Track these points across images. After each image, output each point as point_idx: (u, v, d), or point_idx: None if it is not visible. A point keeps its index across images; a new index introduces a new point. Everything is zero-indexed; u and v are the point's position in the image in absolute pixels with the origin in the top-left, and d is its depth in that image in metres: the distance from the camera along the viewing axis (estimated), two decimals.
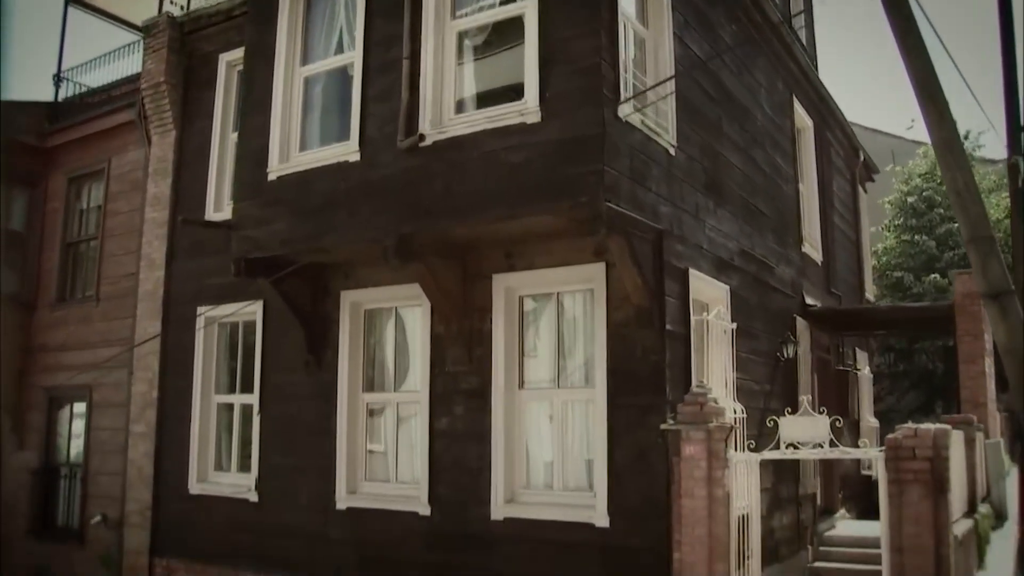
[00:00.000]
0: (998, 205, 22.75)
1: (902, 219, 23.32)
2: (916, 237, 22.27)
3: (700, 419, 8.52)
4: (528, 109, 8.56)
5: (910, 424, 8.20)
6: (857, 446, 12.75)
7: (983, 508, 11.66)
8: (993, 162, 24.55)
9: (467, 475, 9.78)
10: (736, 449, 8.73)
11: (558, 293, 9.75)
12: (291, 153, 10.48)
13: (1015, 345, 5.48)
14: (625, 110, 8.63)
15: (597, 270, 9.23)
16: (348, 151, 9.82)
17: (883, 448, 8.14)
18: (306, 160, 10.28)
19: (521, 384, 9.79)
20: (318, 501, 10.85)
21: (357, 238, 9.63)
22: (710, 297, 10.24)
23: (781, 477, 11.97)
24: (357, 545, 10.48)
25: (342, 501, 10.67)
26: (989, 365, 13.93)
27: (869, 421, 16.99)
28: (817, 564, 12.87)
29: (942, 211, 22.62)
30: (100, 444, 13.84)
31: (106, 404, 13.83)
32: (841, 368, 15.54)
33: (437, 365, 10.15)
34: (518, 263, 9.74)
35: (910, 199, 23.26)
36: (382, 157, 9.54)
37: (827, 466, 14.22)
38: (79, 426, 14.44)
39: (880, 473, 8.26)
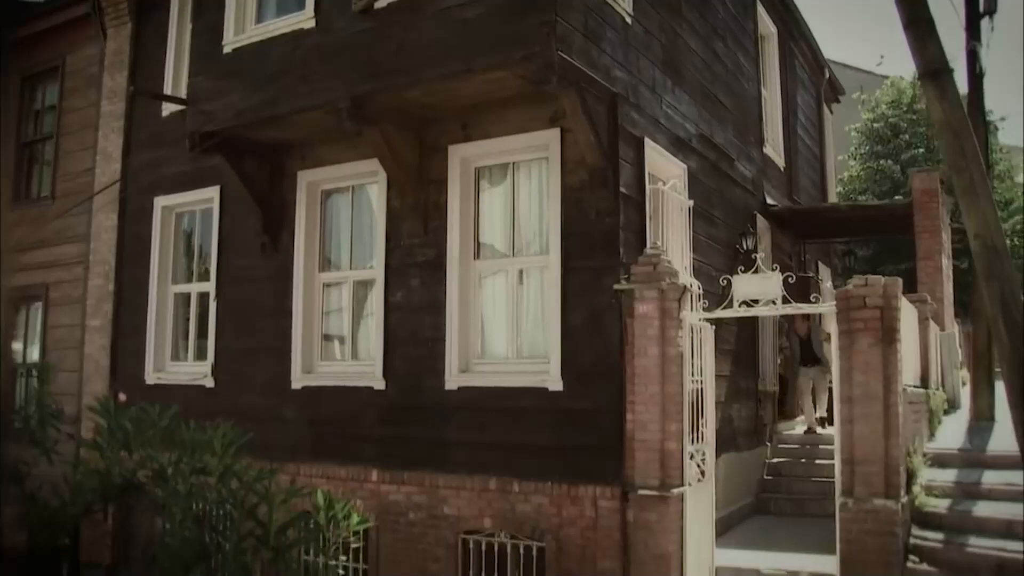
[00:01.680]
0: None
1: (868, 146, 23.43)
2: (881, 163, 22.39)
3: (654, 278, 8.53)
4: None
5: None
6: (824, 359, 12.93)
7: (937, 391, 11.80)
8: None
9: (422, 347, 9.77)
10: (691, 309, 8.74)
11: (513, 163, 9.68)
12: (247, 25, 10.31)
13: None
14: None
15: (552, 136, 9.18)
16: (304, 18, 9.68)
17: (835, 302, 8.18)
18: (262, 31, 10.12)
19: (476, 254, 9.76)
20: (273, 382, 10.82)
21: (311, 103, 9.49)
22: (667, 173, 10.21)
23: (740, 368, 12.06)
24: (313, 423, 10.47)
25: (297, 381, 10.65)
26: (947, 265, 14.03)
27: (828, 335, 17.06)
28: (775, 460, 13.02)
29: (907, 137, 22.77)
30: (57, 342, 13.71)
31: (64, 302, 13.67)
32: (803, 275, 15.59)
33: (393, 239, 10.10)
34: (474, 133, 9.67)
35: (876, 125, 23.36)
36: (337, 22, 9.41)
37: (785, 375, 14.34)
38: (38, 325, 14.27)
39: (832, 328, 8.31)
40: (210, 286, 11.72)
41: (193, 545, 5.60)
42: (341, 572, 6.09)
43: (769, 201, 14.12)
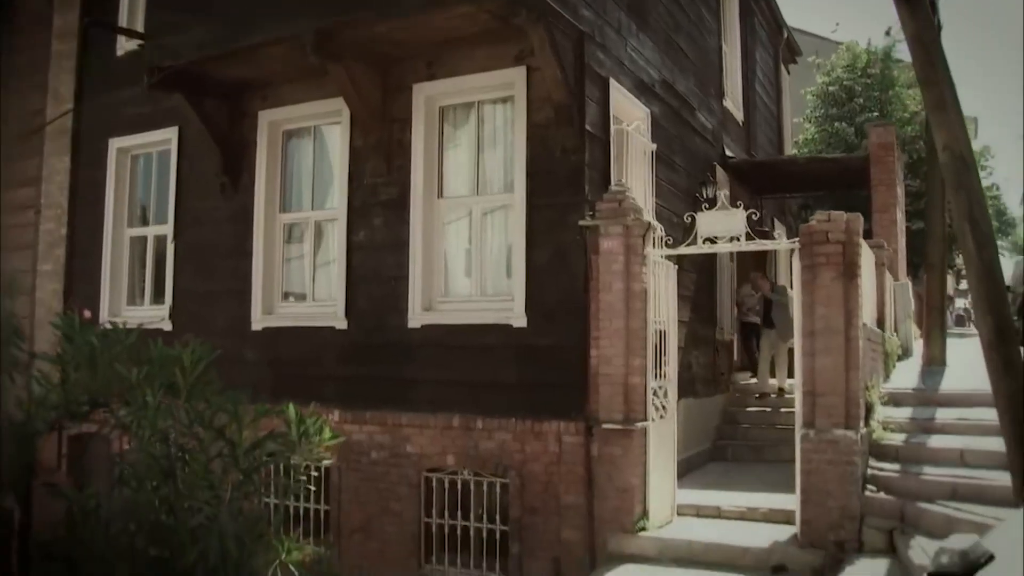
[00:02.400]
0: (914, 99, 23.23)
1: (823, 109, 23.63)
2: (836, 125, 22.60)
3: (619, 215, 8.56)
4: None
5: None
6: (773, 284, 13.08)
7: (892, 336, 12.03)
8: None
9: (385, 286, 9.72)
10: (654, 246, 8.78)
11: (478, 102, 9.63)
12: None
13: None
14: None
15: (518, 75, 9.13)
16: None
17: (798, 239, 8.26)
18: None
19: (440, 193, 9.71)
20: (233, 324, 10.70)
21: (276, 36, 9.33)
22: (631, 116, 10.24)
23: (698, 315, 12.17)
24: (274, 364, 10.38)
25: (258, 322, 10.56)
26: (901, 220, 14.26)
27: (788, 289, 17.26)
28: (732, 409, 13.19)
29: (861, 101, 23.00)
30: (7, 287, 13.38)
31: (12, 247, 13.36)
32: (761, 230, 15.72)
33: (356, 178, 10.01)
34: (439, 72, 9.60)
35: (831, 88, 23.56)
36: None
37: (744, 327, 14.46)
38: None
39: (795, 264, 8.41)
40: (167, 229, 11.53)
41: (160, 463, 5.52)
42: (312, 488, 6.06)
43: (728, 153, 14.21)
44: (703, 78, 13.26)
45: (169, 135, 11.50)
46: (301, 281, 10.68)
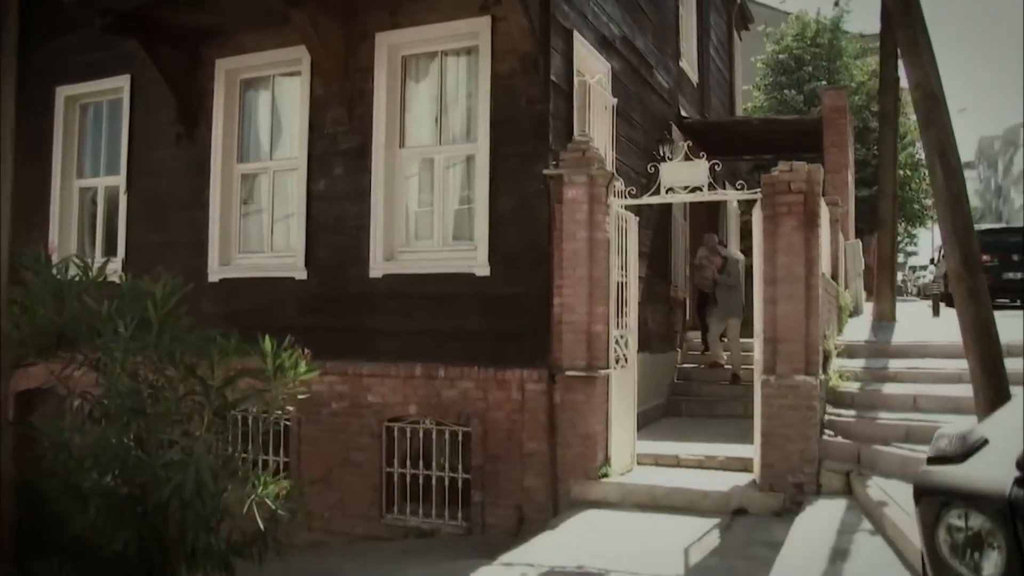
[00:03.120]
0: (862, 69, 23.64)
1: (772, 77, 23.98)
2: (785, 93, 22.94)
3: (583, 164, 8.60)
4: None
5: None
6: (725, 257, 13.22)
7: (845, 291, 12.29)
8: (862, 35, 25.58)
9: (346, 236, 9.66)
10: (616, 196, 8.84)
11: (442, 52, 9.56)
12: None
13: None
14: None
15: (482, 24, 9.09)
16: None
17: (760, 189, 8.37)
18: None
19: (402, 143, 9.65)
20: (190, 276, 10.27)
21: None
22: (592, 70, 10.23)
23: (654, 272, 12.29)
24: (231, 316, 10.19)
25: (215, 274, 10.43)
26: (851, 183, 14.51)
27: (735, 252, 17.50)
28: (686, 366, 13.38)
29: (810, 69, 23.35)
30: None
31: None
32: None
33: (316, 128, 9.89)
34: (402, 20, 9.51)
35: (781, 56, 23.90)
36: None
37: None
38: None
39: (756, 215, 8.52)
40: (120, 179, 11.30)
41: (129, 399, 5.45)
42: (288, 423, 6.03)
43: (683, 114, 14.31)
44: (661, 38, 13.31)
45: (121, 83, 11.23)
46: (259, 232, 10.55)
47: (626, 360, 9.05)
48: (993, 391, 4.84)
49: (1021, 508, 2.57)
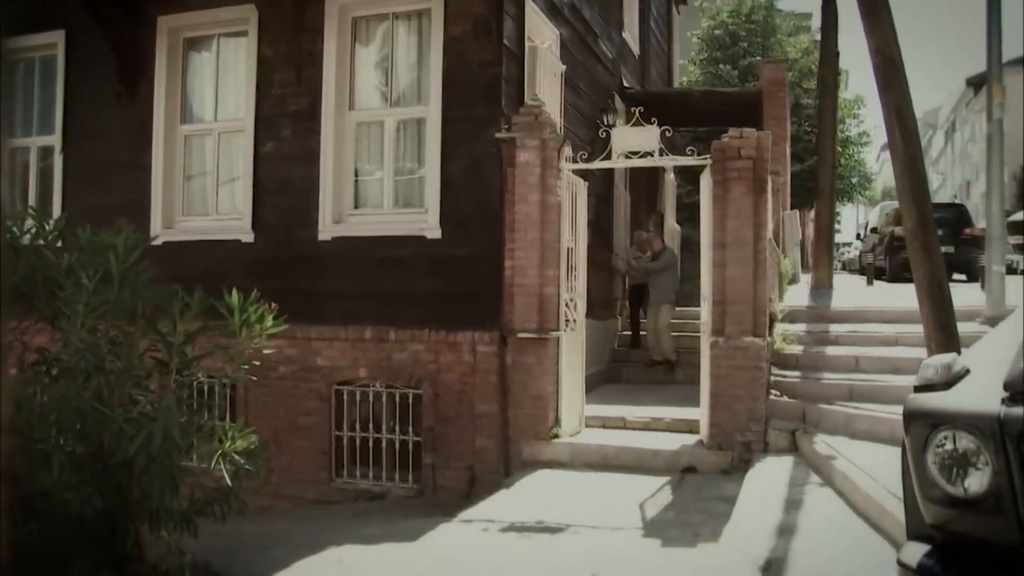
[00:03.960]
0: (795, 46, 24.10)
1: (708, 52, 24.28)
2: (721, 67, 23.25)
3: (535, 128, 8.64)
4: None
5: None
6: (664, 244, 13.38)
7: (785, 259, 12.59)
8: (795, 13, 26.13)
9: (294, 198, 9.56)
10: (567, 160, 8.91)
11: (393, 14, 9.49)
12: None
13: None
14: None
15: None
16: None
17: (710, 155, 8.50)
18: None
19: (352, 105, 9.57)
20: None
21: None
22: (542, 36, 10.26)
23: (597, 240, 12.39)
24: (175, 280, 9.98)
25: (158, 237, 10.21)
26: (788, 155, 14.81)
27: (672, 223, 17.78)
28: (626, 333, 13.55)
29: (745, 45, 23.70)
30: None
31: None
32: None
33: (263, 88, 9.74)
34: None
35: (716, 32, 24.20)
36: None
37: None
38: None
39: (705, 181, 8.66)
40: (55, 139, 10.99)
41: (87, 355, 5.36)
42: (254, 378, 6.01)
43: (625, 84, 14.43)
44: (605, 7, 13.38)
45: (53, 39, 10.88)
46: (204, 194, 10.38)
47: (575, 323, 9.15)
48: (945, 339, 5.07)
49: (1010, 426, 2.75)
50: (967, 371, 3.08)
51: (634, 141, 8.82)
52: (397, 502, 8.77)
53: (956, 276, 14.13)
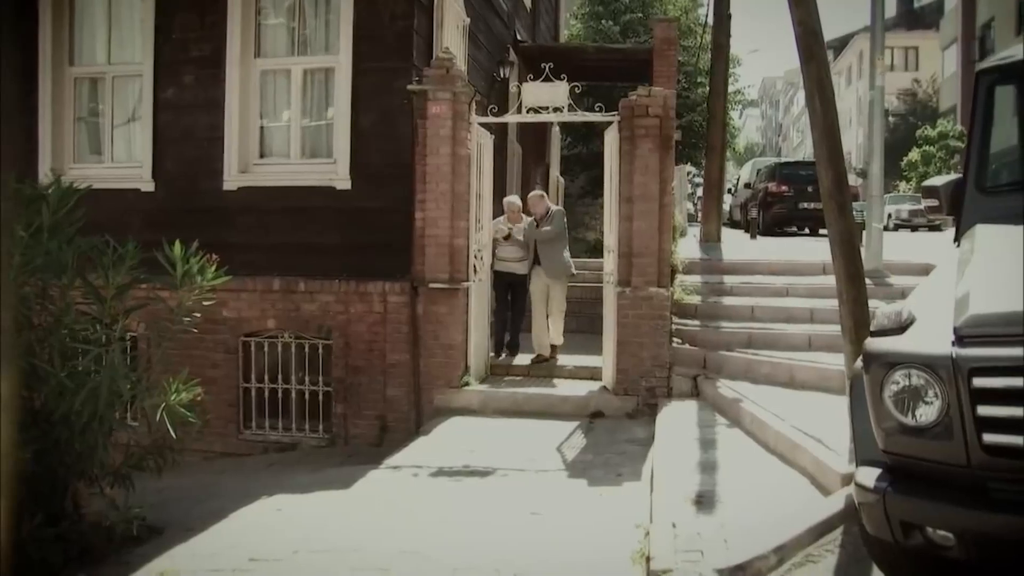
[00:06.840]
0: (676, 4, 24.69)
1: (589, 7, 24.47)
2: (603, 23, 23.48)
3: (447, 81, 8.72)
4: None
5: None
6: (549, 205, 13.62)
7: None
8: None
9: (197, 147, 9.39)
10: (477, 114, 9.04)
11: None
12: None
13: None
14: None
15: None
16: None
17: (618, 112, 8.75)
18: None
19: (258, 53, 9.41)
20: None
21: None
22: None
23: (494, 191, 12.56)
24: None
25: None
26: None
27: (558, 176, 18.14)
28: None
29: (626, 1, 24.00)
30: None
31: None
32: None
33: (163, 32, 9.47)
34: None
35: None
36: None
37: None
38: None
39: (611, 137, 8.93)
40: None
41: (22, 310, 5.27)
42: (195, 331, 6.01)
43: (519, 37, 14.56)
44: None
45: None
46: (97, 140, 10.05)
47: (482, 274, 9.35)
48: (855, 290, 5.50)
49: (961, 364, 3.19)
50: (914, 319, 3.48)
51: (544, 96, 9.00)
52: (309, 452, 8.84)
53: (822, 232, 14.89)
